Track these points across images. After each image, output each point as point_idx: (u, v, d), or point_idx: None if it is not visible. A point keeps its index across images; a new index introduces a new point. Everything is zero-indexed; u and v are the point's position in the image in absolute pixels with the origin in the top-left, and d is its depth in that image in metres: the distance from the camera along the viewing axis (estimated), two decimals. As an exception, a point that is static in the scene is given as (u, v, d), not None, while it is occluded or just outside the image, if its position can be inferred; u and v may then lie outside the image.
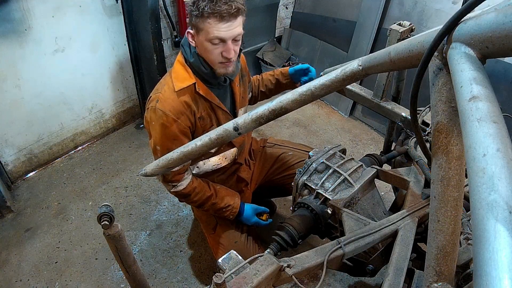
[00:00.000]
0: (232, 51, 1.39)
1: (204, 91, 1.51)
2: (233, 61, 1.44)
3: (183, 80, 1.47)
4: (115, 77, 2.93)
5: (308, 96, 0.94)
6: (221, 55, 1.39)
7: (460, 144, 0.67)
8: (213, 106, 1.57)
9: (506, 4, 0.52)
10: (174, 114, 1.45)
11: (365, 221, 1.25)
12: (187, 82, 1.47)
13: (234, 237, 1.75)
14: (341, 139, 3.20)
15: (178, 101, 1.46)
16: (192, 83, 1.47)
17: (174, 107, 1.45)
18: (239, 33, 1.38)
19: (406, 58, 0.73)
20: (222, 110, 1.60)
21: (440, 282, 0.79)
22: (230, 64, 1.45)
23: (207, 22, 1.31)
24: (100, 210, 0.91)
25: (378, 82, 1.79)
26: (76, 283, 2.00)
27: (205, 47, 1.39)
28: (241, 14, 1.35)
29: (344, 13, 3.33)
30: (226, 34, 1.34)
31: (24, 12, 2.19)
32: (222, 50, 1.38)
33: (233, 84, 1.65)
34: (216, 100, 1.56)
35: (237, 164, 1.84)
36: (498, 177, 0.41)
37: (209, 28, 1.32)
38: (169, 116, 1.45)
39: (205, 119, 1.57)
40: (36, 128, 2.58)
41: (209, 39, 1.35)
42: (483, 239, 0.38)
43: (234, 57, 1.43)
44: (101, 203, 0.99)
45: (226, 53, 1.38)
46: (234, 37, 1.37)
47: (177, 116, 1.46)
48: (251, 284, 0.95)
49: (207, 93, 1.52)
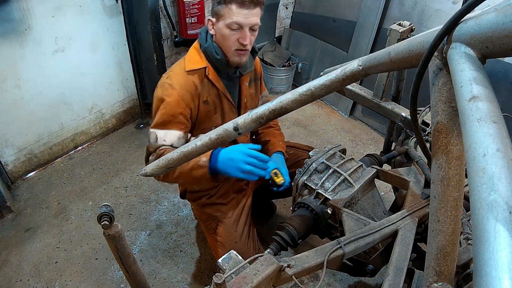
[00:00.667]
0: (248, 38, 1.46)
1: (213, 77, 1.57)
2: (248, 50, 1.51)
3: (195, 63, 1.54)
4: (115, 77, 2.93)
5: (308, 96, 0.93)
6: (237, 41, 1.46)
7: (460, 144, 0.67)
8: (220, 94, 1.62)
9: (506, 4, 0.52)
10: (179, 88, 1.50)
11: (365, 221, 1.25)
12: (199, 65, 1.54)
13: (235, 237, 1.75)
14: (341, 139, 3.20)
15: (186, 79, 1.52)
16: (203, 67, 1.54)
17: (181, 83, 1.51)
18: (256, 23, 1.45)
19: (406, 58, 0.73)
20: (228, 100, 1.65)
21: (440, 282, 0.79)
22: (245, 53, 1.52)
23: (228, 7, 1.40)
24: (100, 210, 0.91)
25: (378, 82, 1.79)
26: (76, 283, 2.00)
27: (223, 33, 1.46)
28: (260, 5, 1.43)
29: (344, 13, 3.33)
30: (245, 20, 1.41)
31: (24, 12, 2.19)
32: (239, 36, 1.45)
33: (241, 80, 1.69)
34: (223, 89, 1.61)
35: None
36: (498, 177, 0.41)
37: (229, 13, 1.40)
38: (175, 89, 1.50)
39: (209, 104, 1.61)
40: (36, 128, 2.58)
41: (228, 24, 1.43)
42: (483, 239, 0.38)
43: (249, 46, 1.49)
44: (101, 203, 0.99)
45: (242, 39, 1.45)
46: (252, 26, 1.45)
47: (182, 92, 1.50)
48: (251, 284, 0.95)
49: (216, 79, 1.58)
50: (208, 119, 1.63)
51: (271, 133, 1.90)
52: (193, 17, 2.74)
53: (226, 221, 1.78)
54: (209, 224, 1.83)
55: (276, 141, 1.85)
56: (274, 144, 1.83)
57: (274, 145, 1.83)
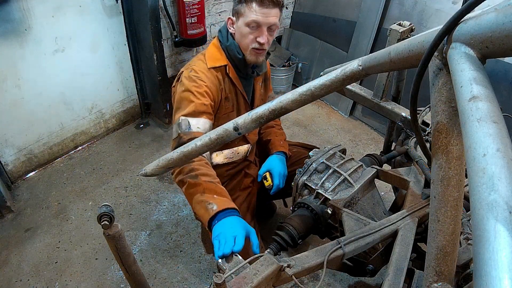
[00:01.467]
0: (266, 37, 1.48)
1: (233, 75, 1.60)
2: (265, 49, 1.54)
3: (215, 61, 1.57)
4: (115, 77, 2.93)
5: (308, 96, 0.93)
6: (255, 40, 1.49)
7: (460, 144, 0.67)
8: (237, 93, 1.65)
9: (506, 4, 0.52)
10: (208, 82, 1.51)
11: (365, 221, 1.25)
12: (220, 62, 1.57)
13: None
14: (341, 139, 3.20)
15: (211, 74, 1.55)
16: (224, 65, 1.58)
17: (208, 76, 1.53)
18: (274, 23, 1.48)
19: (406, 58, 0.73)
20: (244, 98, 1.68)
21: (440, 282, 0.79)
22: (261, 53, 1.54)
23: (249, 5, 1.43)
24: (100, 210, 0.91)
25: (378, 82, 1.79)
26: (76, 283, 2.00)
27: (242, 31, 1.50)
28: (279, 6, 1.46)
29: (344, 13, 3.33)
30: (263, 19, 1.44)
31: (24, 12, 2.19)
32: (257, 35, 1.48)
33: (256, 80, 1.72)
34: (241, 87, 1.65)
35: (247, 162, 1.88)
36: (498, 177, 0.41)
37: (249, 12, 1.44)
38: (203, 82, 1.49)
39: (229, 101, 1.64)
40: (36, 128, 2.58)
41: (247, 23, 1.46)
42: (483, 239, 0.38)
43: (266, 45, 1.52)
44: (101, 203, 0.99)
45: (260, 38, 1.47)
46: (270, 25, 1.47)
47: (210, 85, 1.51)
48: (251, 284, 0.95)
49: (235, 78, 1.61)
50: (226, 116, 1.63)
51: (273, 132, 1.91)
52: (193, 17, 2.73)
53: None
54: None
55: (277, 140, 1.86)
56: (274, 144, 1.84)
57: (274, 144, 1.84)
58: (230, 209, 1.25)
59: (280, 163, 1.76)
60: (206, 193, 1.30)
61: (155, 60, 2.79)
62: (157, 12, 2.64)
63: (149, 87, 3.10)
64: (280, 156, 1.80)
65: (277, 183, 1.71)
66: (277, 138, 1.88)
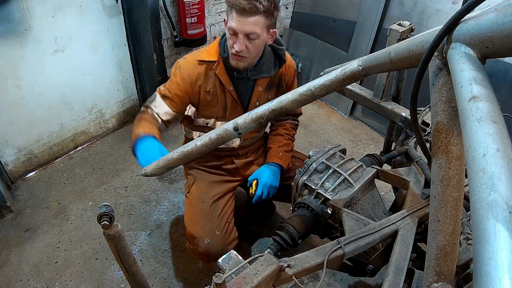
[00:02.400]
0: (242, 45, 1.46)
1: (220, 71, 1.61)
2: (244, 56, 1.51)
3: (208, 55, 1.61)
4: (115, 77, 2.92)
5: (308, 96, 0.94)
6: (232, 46, 1.48)
7: (460, 144, 0.67)
8: (225, 90, 1.66)
9: (506, 4, 0.52)
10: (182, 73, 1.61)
11: (365, 221, 1.25)
12: (210, 57, 1.60)
13: (203, 197, 1.77)
14: (341, 139, 3.20)
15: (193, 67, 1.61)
16: (213, 60, 1.60)
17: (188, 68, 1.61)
18: (252, 32, 1.44)
19: (406, 58, 0.73)
20: (233, 98, 1.68)
21: (440, 282, 0.79)
22: (242, 59, 1.52)
23: (230, 12, 1.44)
24: (100, 210, 0.91)
25: (378, 82, 1.79)
26: (76, 283, 2.00)
27: (227, 35, 1.51)
28: (258, 13, 1.41)
29: (344, 13, 3.33)
30: (237, 27, 1.42)
31: (24, 12, 2.19)
32: (234, 41, 1.47)
33: (256, 85, 1.70)
34: (229, 85, 1.65)
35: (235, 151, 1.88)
36: (498, 177, 0.41)
37: (230, 18, 1.44)
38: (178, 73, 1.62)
39: (211, 95, 1.66)
40: (36, 128, 2.58)
41: (227, 28, 1.47)
42: (483, 239, 0.38)
43: (245, 53, 1.49)
44: (101, 203, 0.99)
45: (236, 45, 1.46)
46: (246, 33, 1.44)
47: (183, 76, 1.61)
48: (251, 284, 0.95)
49: (223, 74, 1.62)
50: (208, 108, 1.69)
51: (277, 140, 1.85)
52: (193, 17, 2.73)
53: (202, 180, 1.82)
54: (188, 183, 1.86)
55: (276, 150, 1.82)
56: (272, 153, 1.81)
57: (272, 154, 1.81)
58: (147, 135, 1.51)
59: (269, 174, 1.74)
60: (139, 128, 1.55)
61: (155, 60, 2.79)
62: (157, 12, 2.64)
63: (149, 87, 3.10)
64: (272, 167, 1.77)
65: (259, 193, 1.71)
66: (278, 148, 1.82)
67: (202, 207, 1.73)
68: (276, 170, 1.77)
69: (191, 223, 1.72)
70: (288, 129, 1.89)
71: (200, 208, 1.74)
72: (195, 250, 1.69)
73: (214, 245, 1.65)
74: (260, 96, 1.73)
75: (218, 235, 1.67)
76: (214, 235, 1.66)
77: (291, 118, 1.95)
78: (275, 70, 1.68)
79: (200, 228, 1.68)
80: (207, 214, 1.71)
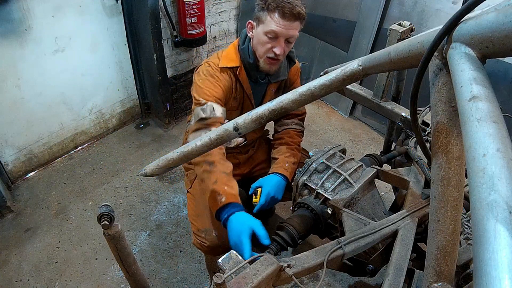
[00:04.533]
0: (282, 49, 1.48)
1: (242, 77, 1.61)
2: (280, 60, 1.53)
3: (229, 61, 1.60)
4: (115, 77, 2.93)
5: (308, 96, 0.94)
6: (271, 50, 1.48)
7: (460, 144, 0.67)
8: (244, 96, 1.67)
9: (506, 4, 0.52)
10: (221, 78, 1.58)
11: (365, 221, 1.25)
12: (232, 63, 1.59)
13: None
14: (341, 139, 3.20)
15: (224, 72, 1.60)
16: (236, 66, 1.59)
17: (224, 76, 1.59)
18: (293, 35, 1.47)
19: (406, 58, 0.73)
20: (250, 102, 1.69)
21: (440, 282, 0.79)
22: (276, 63, 1.54)
23: (270, 15, 1.42)
24: (100, 210, 0.91)
25: (378, 82, 1.79)
26: (76, 283, 2.00)
27: (260, 38, 1.49)
28: (300, 19, 1.44)
29: (344, 13, 3.33)
30: (282, 31, 1.43)
31: (24, 12, 2.19)
32: (274, 45, 1.47)
33: (269, 87, 1.71)
34: (249, 91, 1.65)
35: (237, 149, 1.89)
36: (498, 177, 0.41)
37: (269, 21, 1.43)
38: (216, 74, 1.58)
39: (237, 101, 1.67)
40: (36, 128, 2.58)
41: (266, 32, 1.45)
42: (483, 239, 0.38)
43: (282, 56, 1.51)
44: (101, 203, 0.99)
45: (276, 48, 1.47)
46: (288, 37, 1.46)
47: (223, 82, 1.58)
48: (251, 284, 0.95)
49: (245, 80, 1.62)
50: (229, 114, 1.66)
51: (282, 150, 1.78)
52: (193, 17, 2.73)
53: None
54: (189, 177, 1.80)
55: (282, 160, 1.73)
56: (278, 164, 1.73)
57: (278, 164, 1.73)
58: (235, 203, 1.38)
59: (274, 185, 1.65)
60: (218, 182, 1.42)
61: (155, 60, 2.79)
62: (157, 12, 2.64)
63: (149, 87, 3.10)
64: (278, 177, 1.67)
65: (262, 202, 1.62)
66: (284, 158, 1.74)
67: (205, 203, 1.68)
68: (282, 182, 1.68)
69: (196, 217, 1.66)
70: (293, 137, 1.83)
71: (204, 202, 1.67)
72: (203, 244, 1.61)
73: (222, 236, 1.58)
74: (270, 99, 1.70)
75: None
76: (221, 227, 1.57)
77: (296, 122, 1.88)
78: (287, 71, 1.71)
79: (206, 221, 1.62)
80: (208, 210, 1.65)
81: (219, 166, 1.46)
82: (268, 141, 2.06)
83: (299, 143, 1.86)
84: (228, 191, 1.40)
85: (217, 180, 1.41)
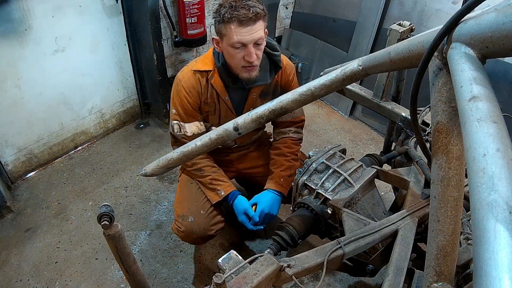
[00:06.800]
0: (254, 55, 1.44)
1: (215, 81, 1.60)
2: (255, 65, 1.49)
3: (203, 65, 1.61)
4: (115, 77, 2.92)
5: (308, 96, 0.94)
6: (243, 59, 1.45)
7: (460, 144, 0.67)
8: (220, 100, 1.65)
9: (506, 4, 0.52)
10: (186, 87, 1.61)
11: (365, 221, 1.25)
12: (206, 67, 1.60)
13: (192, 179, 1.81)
14: (341, 139, 3.20)
15: (194, 77, 1.61)
16: (209, 69, 1.60)
17: (190, 80, 1.61)
18: (259, 37, 1.42)
19: (406, 58, 0.73)
20: (228, 107, 1.67)
21: (440, 282, 0.79)
22: (253, 69, 1.50)
23: (228, 27, 1.38)
24: (100, 210, 0.91)
25: (378, 82, 1.78)
26: (76, 283, 2.00)
27: (228, 52, 1.46)
28: (260, 18, 1.40)
29: (344, 13, 3.33)
30: (247, 38, 1.39)
31: (24, 12, 2.19)
32: (244, 54, 1.44)
33: (251, 92, 1.68)
34: (224, 94, 1.64)
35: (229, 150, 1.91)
36: (498, 177, 0.41)
37: (231, 33, 1.39)
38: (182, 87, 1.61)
39: (209, 105, 1.66)
40: (36, 128, 2.58)
41: (231, 44, 1.41)
42: (483, 239, 0.38)
43: (256, 61, 1.47)
44: (101, 203, 0.99)
45: (248, 56, 1.43)
46: (255, 41, 1.42)
47: (189, 89, 1.61)
48: (251, 284, 0.95)
49: (218, 84, 1.61)
50: (206, 117, 1.71)
51: (279, 163, 1.77)
52: (193, 17, 2.73)
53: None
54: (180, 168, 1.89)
55: (278, 175, 1.74)
56: (273, 180, 1.74)
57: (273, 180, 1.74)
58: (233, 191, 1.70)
59: (269, 202, 1.67)
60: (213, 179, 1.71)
61: (155, 60, 2.79)
62: (157, 12, 2.64)
63: (149, 87, 3.10)
64: (273, 194, 1.69)
65: (256, 220, 1.65)
66: (280, 173, 1.74)
67: (190, 188, 1.77)
68: (277, 198, 1.70)
69: (178, 204, 1.77)
70: (290, 146, 1.81)
71: (188, 189, 1.78)
72: (179, 229, 1.71)
73: (197, 223, 1.67)
74: (255, 104, 1.70)
75: (202, 214, 1.69)
76: (198, 214, 1.69)
77: (293, 131, 1.87)
78: (271, 77, 1.65)
79: (186, 207, 1.72)
80: (194, 194, 1.75)
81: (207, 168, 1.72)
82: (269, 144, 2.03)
83: (296, 152, 1.84)
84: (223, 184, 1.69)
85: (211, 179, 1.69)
